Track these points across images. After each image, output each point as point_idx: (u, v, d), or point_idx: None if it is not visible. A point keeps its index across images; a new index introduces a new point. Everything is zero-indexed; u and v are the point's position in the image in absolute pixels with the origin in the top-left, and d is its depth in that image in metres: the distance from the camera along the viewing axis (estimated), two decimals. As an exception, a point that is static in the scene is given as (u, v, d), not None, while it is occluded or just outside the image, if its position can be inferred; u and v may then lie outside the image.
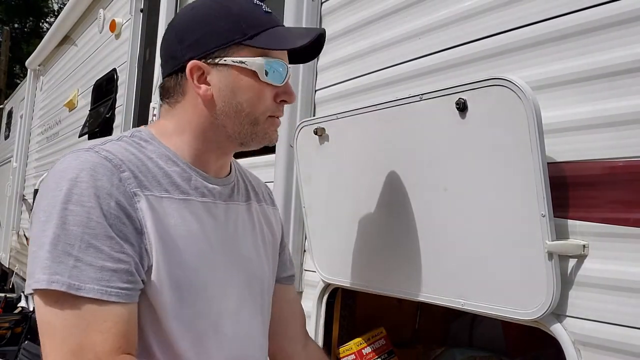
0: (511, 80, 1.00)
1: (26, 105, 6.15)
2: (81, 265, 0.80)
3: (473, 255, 1.11)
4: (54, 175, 0.85)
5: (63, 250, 0.80)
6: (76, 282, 0.79)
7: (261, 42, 0.95)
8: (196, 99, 0.97)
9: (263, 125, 0.99)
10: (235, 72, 0.95)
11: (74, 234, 0.81)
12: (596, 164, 0.99)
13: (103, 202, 0.84)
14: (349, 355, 1.52)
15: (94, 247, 0.81)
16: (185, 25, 0.98)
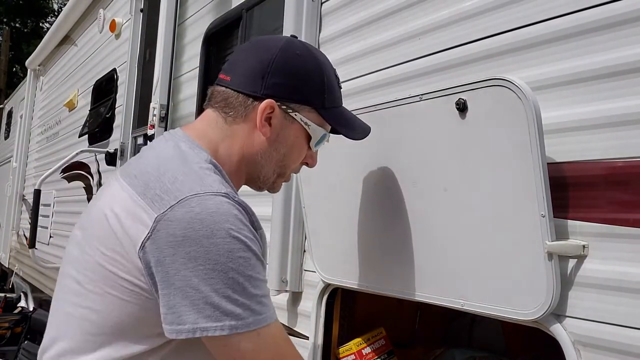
0: (511, 80, 1.00)
1: (26, 105, 6.15)
2: (263, 300, 0.89)
3: (473, 255, 1.11)
4: (199, 217, 0.86)
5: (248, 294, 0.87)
6: (261, 316, 0.88)
7: (332, 120, 1.07)
8: (254, 130, 1.02)
9: (283, 178, 1.10)
10: (297, 128, 1.04)
11: (254, 272, 0.88)
12: (596, 164, 0.99)
13: (256, 243, 0.90)
14: (348, 355, 1.52)
15: (263, 281, 0.91)
16: (283, 64, 1.01)
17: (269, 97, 1.00)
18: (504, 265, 1.05)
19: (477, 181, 1.09)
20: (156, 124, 2.62)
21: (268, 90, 1.00)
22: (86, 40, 4.42)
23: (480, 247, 1.09)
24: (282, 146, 1.04)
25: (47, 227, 4.55)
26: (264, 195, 1.85)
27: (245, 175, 1.07)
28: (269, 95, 1.00)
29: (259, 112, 1.00)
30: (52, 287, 4.46)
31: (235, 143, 1.03)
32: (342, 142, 1.43)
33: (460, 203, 1.12)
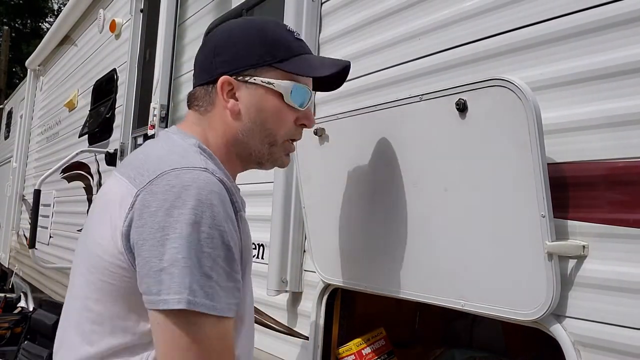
0: (511, 80, 1.00)
1: (26, 106, 6.15)
2: (216, 287, 0.84)
3: (473, 255, 1.11)
4: (181, 195, 0.86)
5: (200, 272, 0.83)
6: (213, 303, 0.84)
7: (291, 67, 1.02)
8: (224, 111, 1.03)
9: (279, 147, 1.06)
10: (262, 91, 1.02)
11: (213, 257, 0.85)
12: (596, 165, 0.99)
13: (230, 227, 0.88)
14: (348, 355, 1.52)
15: (224, 270, 0.86)
16: (222, 42, 1.04)
17: (221, 76, 1.02)
18: (504, 266, 1.05)
19: (477, 181, 1.09)
20: (156, 124, 2.62)
21: (218, 70, 1.02)
22: (86, 41, 4.42)
23: (480, 247, 1.09)
24: (257, 115, 1.02)
25: (47, 227, 4.55)
26: (264, 195, 1.85)
27: (238, 159, 1.06)
28: (220, 73, 1.02)
29: (219, 92, 1.02)
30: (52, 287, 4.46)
31: (217, 130, 1.04)
32: (342, 143, 1.43)
33: (460, 203, 1.12)
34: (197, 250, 0.83)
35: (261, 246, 1.93)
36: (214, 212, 0.86)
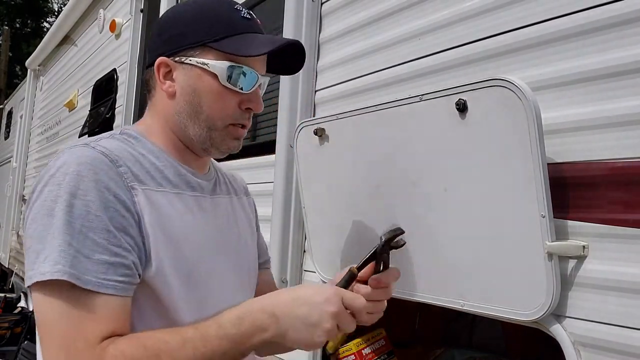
0: (511, 80, 1.00)
1: (26, 106, 6.15)
2: (80, 257, 0.81)
3: (473, 255, 1.11)
4: (51, 171, 0.86)
5: (64, 241, 0.80)
6: (75, 272, 0.80)
7: (226, 47, 0.95)
8: (162, 94, 1.00)
9: (221, 132, 0.99)
10: (198, 72, 0.96)
11: (74, 227, 0.81)
12: (596, 165, 0.99)
13: (103, 196, 0.85)
14: (348, 355, 1.52)
15: (92, 240, 0.82)
16: (166, 21, 1.01)
17: (160, 57, 0.98)
18: (504, 266, 1.05)
19: (477, 181, 1.09)
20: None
21: (157, 52, 0.99)
22: (86, 41, 4.42)
23: (480, 248, 1.09)
24: (192, 97, 0.97)
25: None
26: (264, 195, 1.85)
27: (184, 144, 1.02)
28: (159, 54, 0.98)
29: (155, 73, 0.99)
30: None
31: (158, 114, 1.02)
32: (342, 143, 1.43)
33: (460, 203, 1.12)
34: (61, 223, 0.81)
35: (261, 246, 1.93)
36: (79, 183, 0.83)
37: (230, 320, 0.84)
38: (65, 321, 0.80)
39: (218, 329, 0.83)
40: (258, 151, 2.04)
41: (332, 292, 0.87)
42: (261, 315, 0.84)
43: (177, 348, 0.81)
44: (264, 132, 2.21)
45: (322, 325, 0.85)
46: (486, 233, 1.08)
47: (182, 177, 1.00)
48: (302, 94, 1.76)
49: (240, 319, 0.84)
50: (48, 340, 0.81)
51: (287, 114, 1.76)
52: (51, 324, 0.80)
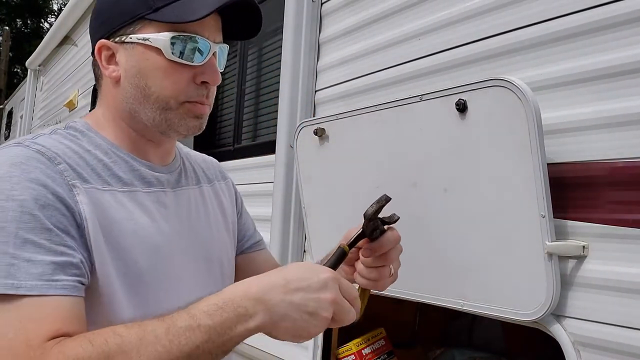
0: (511, 81, 1.00)
1: (26, 106, 6.15)
2: (18, 262, 0.72)
3: (473, 255, 1.11)
4: None
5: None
6: (14, 282, 0.71)
7: (166, 16, 0.86)
8: (108, 81, 0.91)
9: (177, 111, 0.89)
10: (141, 50, 0.87)
11: (8, 231, 0.73)
12: (596, 165, 0.99)
13: (38, 194, 0.76)
14: (348, 355, 1.52)
15: (31, 242, 0.73)
16: (100, 3, 0.92)
17: (98, 41, 0.89)
18: (504, 266, 1.05)
19: (477, 182, 1.09)
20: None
21: (96, 35, 0.90)
22: (86, 41, 4.42)
23: (480, 248, 1.09)
24: (138, 78, 0.87)
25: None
26: (264, 195, 1.86)
27: (138, 133, 0.92)
28: (98, 39, 0.89)
29: (97, 58, 0.89)
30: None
31: (107, 104, 0.92)
32: (342, 143, 1.43)
33: (460, 203, 1.12)
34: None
35: (261, 246, 1.93)
36: (11, 185, 0.74)
37: (204, 309, 0.72)
38: (6, 330, 0.70)
39: (189, 319, 0.71)
40: (258, 151, 2.04)
41: (330, 277, 0.76)
42: (245, 302, 0.73)
43: (133, 342, 0.69)
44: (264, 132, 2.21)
45: (321, 314, 0.74)
46: (486, 233, 1.08)
47: (135, 173, 0.91)
48: (302, 94, 1.76)
49: (218, 307, 0.72)
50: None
51: (287, 114, 1.76)
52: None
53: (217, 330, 0.71)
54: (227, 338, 0.72)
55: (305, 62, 1.75)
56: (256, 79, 2.35)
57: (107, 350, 0.68)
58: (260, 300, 0.73)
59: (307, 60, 1.76)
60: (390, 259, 0.92)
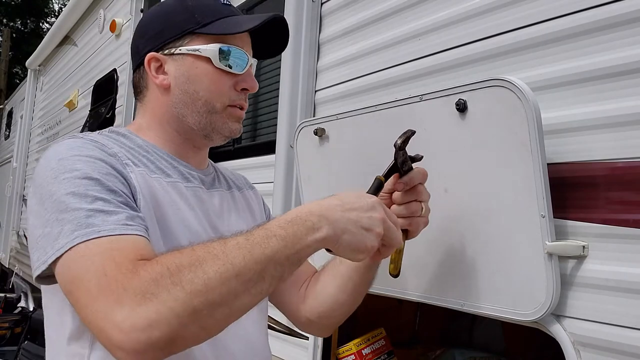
0: (511, 81, 1.00)
1: (26, 106, 6.15)
2: (94, 214, 0.78)
3: (473, 256, 1.11)
4: (41, 165, 0.86)
5: (72, 209, 0.78)
6: (95, 228, 0.77)
7: (213, 29, 0.97)
8: (157, 90, 1.00)
9: (221, 114, 0.99)
10: (190, 60, 0.98)
11: (78, 193, 0.80)
12: (596, 165, 0.99)
13: (99, 166, 0.84)
14: (348, 355, 1.52)
15: (101, 199, 0.80)
16: (147, 20, 1.03)
17: (147, 54, 1.00)
18: (504, 266, 1.05)
19: (477, 182, 1.09)
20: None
21: (144, 50, 1.00)
22: (86, 41, 4.42)
23: (480, 248, 1.09)
24: (187, 84, 0.98)
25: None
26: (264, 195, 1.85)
27: (181, 137, 1.02)
28: (147, 52, 1.00)
29: (147, 70, 1.00)
30: (52, 287, 4.45)
31: (152, 111, 1.02)
32: (342, 143, 1.43)
33: (460, 203, 1.12)
34: (66, 197, 0.79)
35: (261, 246, 1.92)
36: (73, 163, 0.83)
37: (276, 224, 0.79)
38: (94, 261, 0.75)
39: (265, 231, 0.78)
40: (258, 151, 2.04)
41: (376, 200, 0.88)
42: (311, 217, 0.81)
43: (218, 249, 0.75)
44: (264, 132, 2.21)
45: (374, 229, 0.84)
46: (486, 233, 1.08)
47: (176, 169, 0.99)
48: (302, 94, 1.76)
49: (288, 222, 0.79)
50: (78, 293, 0.75)
51: (287, 114, 1.76)
52: (85, 277, 0.74)
53: (291, 239, 0.78)
54: (299, 247, 0.79)
55: (305, 62, 1.75)
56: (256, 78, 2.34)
57: (196, 256, 0.74)
58: (323, 216, 0.82)
59: (307, 60, 1.76)
60: (420, 193, 0.99)
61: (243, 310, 0.77)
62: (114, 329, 0.70)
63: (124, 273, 0.73)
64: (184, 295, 0.70)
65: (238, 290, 0.73)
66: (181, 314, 0.70)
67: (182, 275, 0.71)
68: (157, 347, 0.70)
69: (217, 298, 0.72)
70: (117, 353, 0.72)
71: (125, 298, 0.71)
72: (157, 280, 0.71)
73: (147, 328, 0.69)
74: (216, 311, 0.72)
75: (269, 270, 0.76)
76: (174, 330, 0.70)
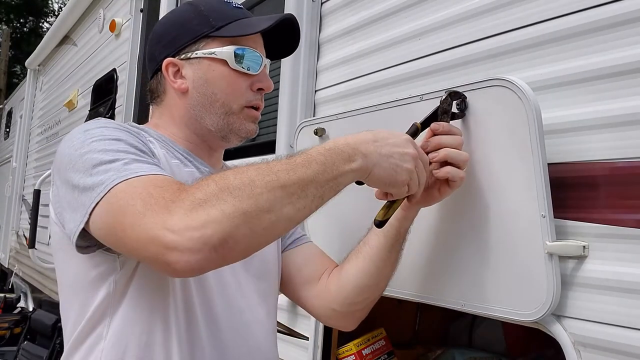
0: (511, 80, 1.00)
1: (26, 105, 6.15)
2: (130, 162, 0.83)
3: (473, 255, 1.11)
4: (67, 140, 0.89)
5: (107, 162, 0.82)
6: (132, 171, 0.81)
7: (228, 32, 1.00)
8: (175, 94, 1.03)
9: (239, 115, 1.02)
10: (207, 63, 1.00)
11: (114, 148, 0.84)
12: (597, 165, 0.99)
13: (125, 135, 0.88)
14: (348, 356, 1.52)
15: (133, 152, 0.85)
16: (162, 27, 1.06)
17: (164, 60, 1.03)
18: (504, 266, 1.05)
19: (477, 181, 1.09)
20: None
21: (161, 56, 1.03)
22: (86, 40, 4.41)
23: (480, 248, 1.09)
24: (205, 87, 1.01)
25: (47, 227, 4.55)
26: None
27: (200, 138, 1.05)
28: (164, 58, 1.03)
29: (165, 75, 1.02)
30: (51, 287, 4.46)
31: (170, 113, 1.05)
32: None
33: (460, 203, 1.12)
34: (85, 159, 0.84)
35: (261, 246, 1.92)
36: (96, 130, 0.88)
37: (315, 151, 0.84)
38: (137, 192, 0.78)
39: (306, 156, 0.83)
40: (258, 151, 2.04)
41: (410, 138, 0.92)
42: (347, 148, 0.86)
43: (264, 166, 0.79)
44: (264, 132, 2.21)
45: (404, 165, 0.89)
46: (486, 233, 1.07)
47: (192, 163, 1.02)
48: (302, 94, 1.76)
49: (326, 150, 0.84)
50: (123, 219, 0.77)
51: (287, 114, 1.76)
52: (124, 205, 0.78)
53: (330, 165, 0.83)
54: (337, 173, 0.84)
55: (305, 61, 1.75)
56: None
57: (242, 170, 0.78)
58: (357, 149, 0.86)
59: (307, 60, 1.76)
60: (457, 141, 1.01)
61: (288, 221, 0.80)
62: (166, 233, 0.73)
63: (171, 192, 0.77)
64: (233, 200, 0.74)
65: (284, 200, 0.77)
66: (232, 215, 0.73)
67: (229, 184, 0.75)
68: (211, 246, 0.73)
69: (264, 204, 0.75)
70: (171, 255, 0.73)
71: (175, 208, 0.74)
72: (206, 191, 0.75)
73: (200, 227, 0.72)
74: (264, 216, 0.75)
75: (310, 189, 0.80)
76: (225, 229, 0.73)
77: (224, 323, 0.98)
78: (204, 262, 0.74)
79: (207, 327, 0.96)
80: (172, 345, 0.91)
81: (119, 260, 0.91)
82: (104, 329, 0.91)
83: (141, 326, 0.91)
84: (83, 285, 0.92)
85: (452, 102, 1.04)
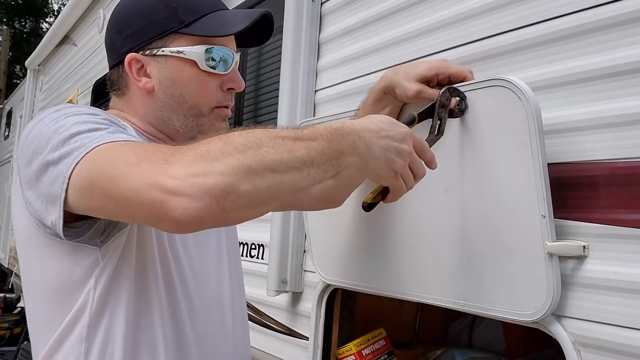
0: (511, 80, 1.00)
1: (26, 105, 6.14)
2: (115, 132, 0.80)
3: (473, 255, 1.11)
4: (33, 122, 0.86)
5: (87, 130, 0.78)
6: (118, 137, 0.78)
7: (198, 30, 0.92)
8: (139, 91, 0.97)
9: (209, 117, 0.96)
10: (174, 62, 0.93)
11: (94, 121, 0.81)
12: (597, 165, 0.99)
13: (99, 111, 0.86)
14: (348, 356, 1.52)
15: (115, 125, 0.83)
16: (124, 14, 0.97)
17: (127, 54, 0.95)
18: (504, 266, 1.05)
19: (477, 182, 1.08)
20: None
21: (124, 48, 0.95)
22: (86, 40, 4.41)
23: (480, 248, 1.09)
24: (172, 88, 0.94)
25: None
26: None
27: (165, 136, 0.99)
28: (126, 51, 0.95)
29: (127, 71, 0.95)
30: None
31: (136, 111, 0.99)
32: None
33: (460, 203, 1.12)
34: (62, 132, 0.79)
35: (261, 246, 1.93)
36: (69, 109, 0.83)
37: (323, 128, 0.82)
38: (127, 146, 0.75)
39: (312, 129, 0.81)
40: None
41: (408, 132, 0.90)
42: (352, 133, 0.84)
43: (272, 130, 0.77)
44: (264, 132, 2.21)
45: (399, 161, 0.88)
46: (486, 233, 1.07)
47: None
48: (302, 94, 1.76)
49: (334, 128, 0.83)
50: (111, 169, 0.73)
51: (287, 114, 1.76)
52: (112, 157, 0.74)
53: (334, 143, 0.80)
54: (339, 153, 0.81)
55: (305, 61, 1.75)
56: (256, 78, 2.35)
57: (249, 132, 0.74)
58: (361, 136, 0.85)
59: (307, 60, 1.76)
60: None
61: (290, 186, 0.75)
62: (166, 179, 0.68)
63: (167, 149, 0.73)
64: (239, 154, 0.70)
65: (290, 163, 0.74)
66: (236, 168, 0.69)
67: (236, 140, 0.72)
68: (212, 195, 0.68)
69: (270, 163, 0.72)
70: (172, 200, 0.68)
71: (175, 160, 0.70)
72: (210, 145, 0.71)
73: (202, 175, 0.68)
74: (269, 175, 0.72)
75: (315, 161, 0.77)
76: (228, 181, 0.69)
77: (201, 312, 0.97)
78: (205, 211, 0.68)
79: (190, 319, 0.95)
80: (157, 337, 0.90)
81: (100, 252, 0.86)
82: (84, 329, 0.87)
83: (126, 321, 0.88)
84: (67, 285, 0.87)
85: (451, 97, 1.03)
